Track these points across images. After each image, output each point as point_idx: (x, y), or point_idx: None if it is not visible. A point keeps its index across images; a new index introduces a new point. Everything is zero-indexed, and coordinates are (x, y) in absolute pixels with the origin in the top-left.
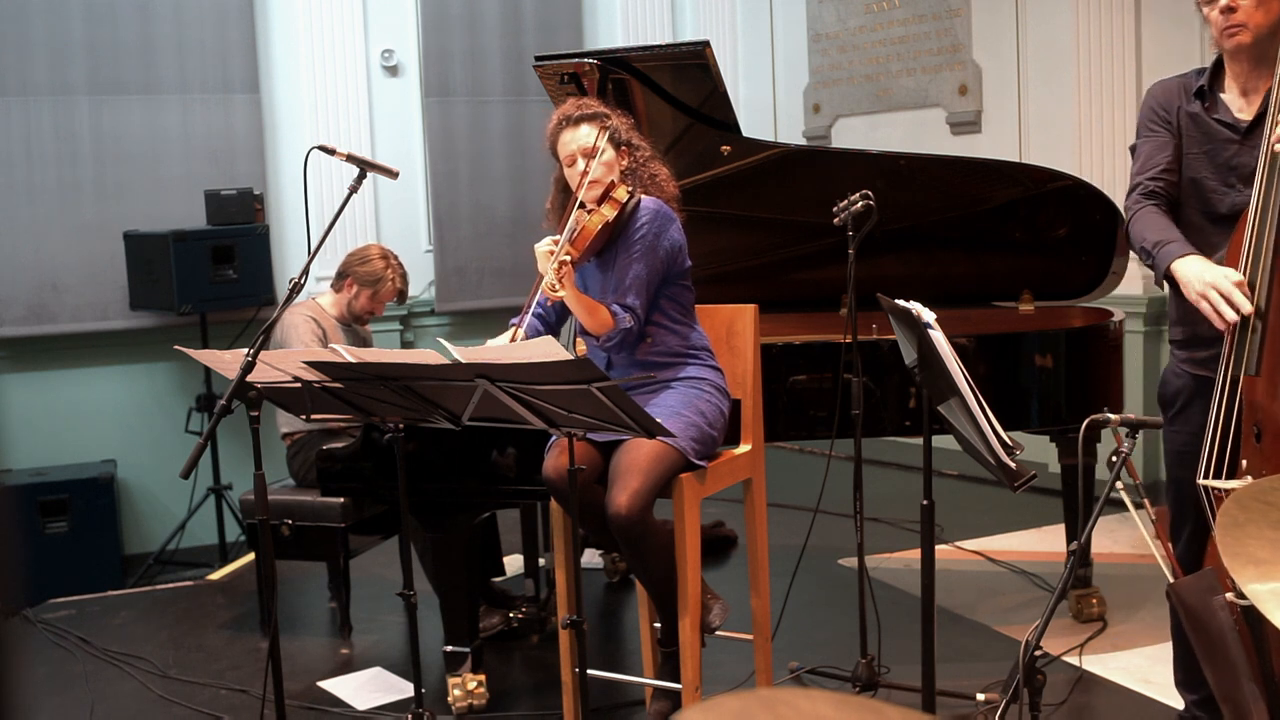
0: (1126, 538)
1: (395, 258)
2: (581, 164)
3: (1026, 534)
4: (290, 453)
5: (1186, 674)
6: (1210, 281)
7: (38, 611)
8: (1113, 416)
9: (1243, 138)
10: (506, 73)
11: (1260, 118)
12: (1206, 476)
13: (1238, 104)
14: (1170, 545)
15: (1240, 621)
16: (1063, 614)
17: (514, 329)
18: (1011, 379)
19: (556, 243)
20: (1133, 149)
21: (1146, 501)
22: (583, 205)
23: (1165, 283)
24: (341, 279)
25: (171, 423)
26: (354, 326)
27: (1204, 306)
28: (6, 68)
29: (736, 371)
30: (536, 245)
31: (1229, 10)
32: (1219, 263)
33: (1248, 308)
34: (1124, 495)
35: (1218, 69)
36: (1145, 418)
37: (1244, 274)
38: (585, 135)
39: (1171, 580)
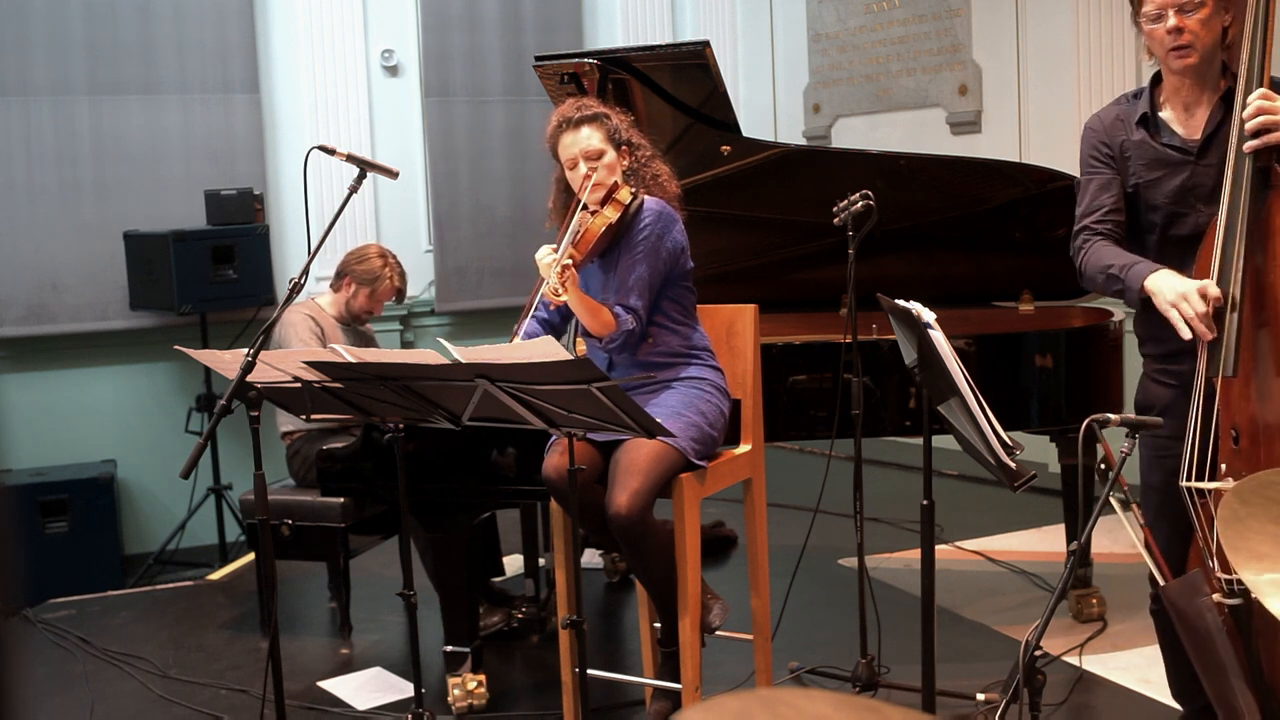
0: (1126, 538)
1: (393, 256)
2: (583, 167)
3: (1026, 534)
4: (290, 452)
5: (1180, 683)
6: (1182, 292)
7: (38, 611)
8: (1113, 417)
9: (1196, 159)
10: (506, 73)
11: (1210, 137)
12: (1189, 479)
13: (1181, 120)
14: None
15: (1228, 621)
16: (1063, 614)
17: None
18: (1011, 379)
19: (557, 250)
20: (1078, 185)
21: (1135, 506)
22: (585, 206)
23: (1140, 303)
24: (339, 278)
25: (171, 423)
26: (355, 326)
27: (1173, 315)
28: (6, 68)
29: (736, 371)
30: (537, 254)
31: (1178, 31)
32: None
33: (1209, 334)
34: (1113, 500)
35: (1154, 89)
36: (1145, 418)
37: (1214, 279)
38: (586, 137)
39: (1161, 584)
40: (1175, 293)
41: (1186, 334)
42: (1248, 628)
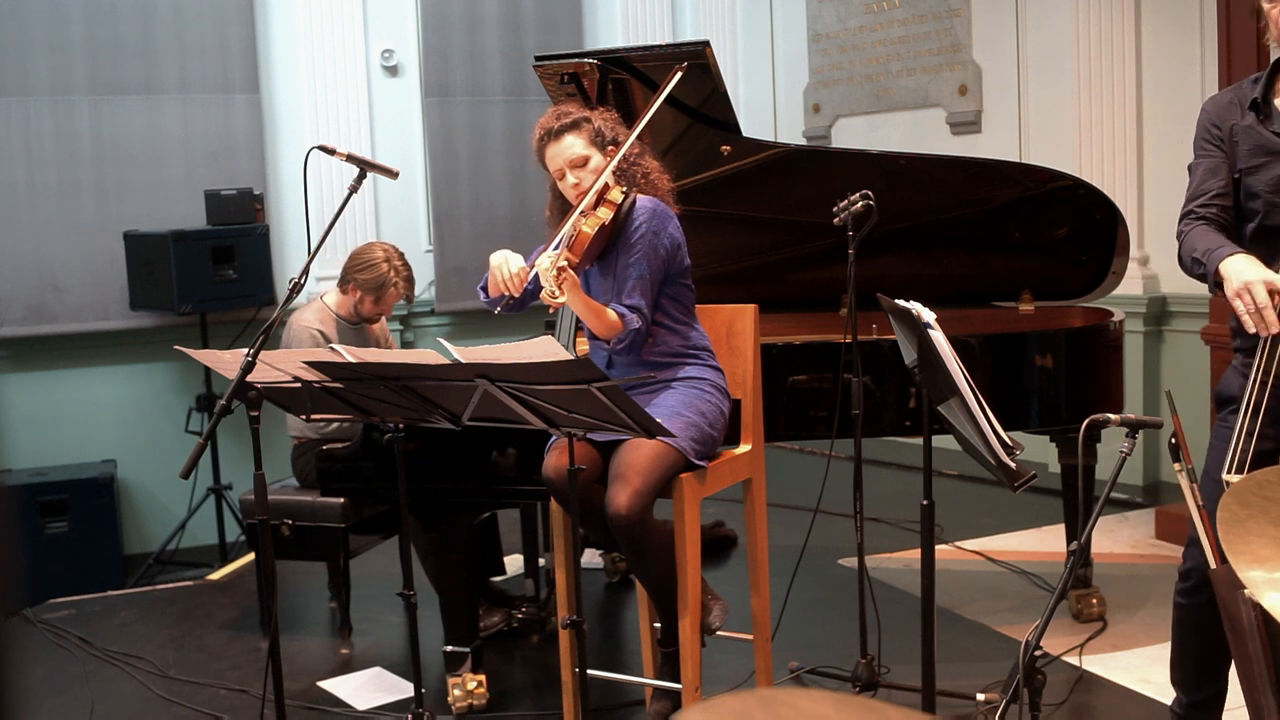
0: (1126, 538)
1: (399, 257)
2: (571, 177)
3: (1026, 534)
4: (295, 453)
5: (1182, 672)
6: (1248, 281)
7: (38, 611)
8: (1113, 416)
9: None
10: (506, 73)
11: None
12: (1230, 472)
13: None
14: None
15: (1258, 620)
16: (1063, 614)
17: (527, 268)
18: (1011, 379)
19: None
20: (1190, 168)
21: (1194, 485)
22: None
23: (1218, 289)
24: (345, 282)
25: (171, 423)
26: (363, 326)
27: (1238, 305)
28: (6, 68)
29: (736, 371)
30: (537, 263)
31: None
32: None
33: (1267, 329)
34: (1182, 480)
35: (1273, 75)
36: (1145, 417)
37: None
38: (569, 146)
39: (1212, 568)
40: (1241, 280)
41: (1250, 326)
42: (1274, 632)
